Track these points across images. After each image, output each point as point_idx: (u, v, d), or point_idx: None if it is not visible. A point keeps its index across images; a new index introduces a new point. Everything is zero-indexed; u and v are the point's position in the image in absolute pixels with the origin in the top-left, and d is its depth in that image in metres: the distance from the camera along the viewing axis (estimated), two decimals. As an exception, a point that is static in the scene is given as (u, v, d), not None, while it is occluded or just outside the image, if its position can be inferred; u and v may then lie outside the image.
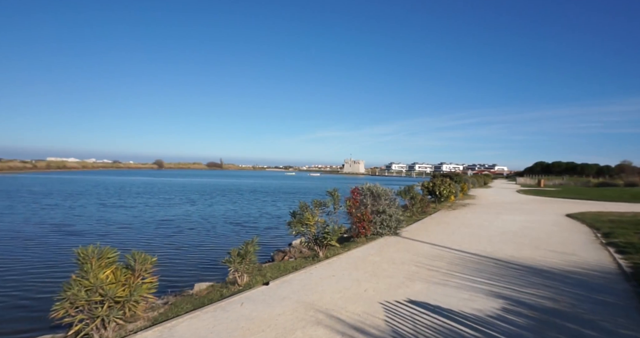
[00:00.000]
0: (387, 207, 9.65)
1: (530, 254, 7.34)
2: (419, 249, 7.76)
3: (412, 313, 4.07)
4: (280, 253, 9.56)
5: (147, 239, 12.63)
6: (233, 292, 5.01)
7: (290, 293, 4.84)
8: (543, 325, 3.79)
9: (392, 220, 9.33)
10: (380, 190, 9.80)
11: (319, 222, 7.62)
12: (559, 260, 6.80)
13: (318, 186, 51.32)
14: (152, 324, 3.82)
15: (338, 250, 7.68)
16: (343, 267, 6.31)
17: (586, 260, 6.88)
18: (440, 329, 3.65)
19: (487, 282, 5.36)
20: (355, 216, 9.16)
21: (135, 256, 3.83)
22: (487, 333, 3.57)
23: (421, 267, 6.26)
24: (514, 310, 4.23)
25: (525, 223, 11.96)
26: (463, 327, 3.71)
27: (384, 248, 7.82)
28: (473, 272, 5.93)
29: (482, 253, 7.42)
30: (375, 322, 3.85)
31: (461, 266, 6.34)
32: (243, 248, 5.46)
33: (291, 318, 3.96)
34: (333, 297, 4.67)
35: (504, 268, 6.24)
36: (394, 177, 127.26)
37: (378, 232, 9.23)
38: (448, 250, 7.74)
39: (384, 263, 6.52)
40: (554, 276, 5.73)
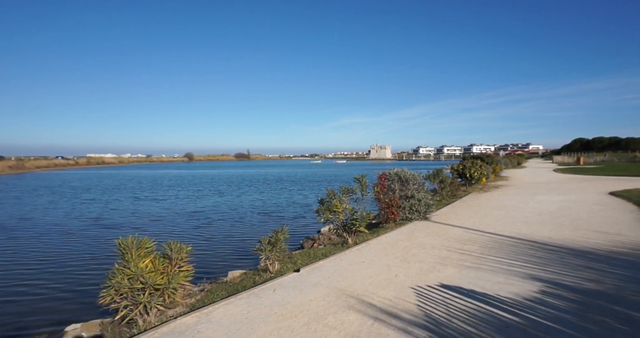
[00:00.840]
0: (415, 191, 9.49)
1: (570, 235, 7.01)
2: (449, 233, 7.60)
3: (444, 298, 4.01)
4: (310, 240, 9.67)
5: (180, 230, 13.18)
6: (265, 279, 5.14)
7: (321, 280, 4.90)
8: (586, 308, 3.63)
9: (421, 205, 9.18)
10: (408, 174, 9.63)
11: (347, 208, 7.61)
12: (602, 241, 6.45)
13: (345, 173, 51.26)
14: (190, 310, 4.00)
15: (367, 236, 7.66)
16: (372, 252, 6.29)
17: (632, 239, 6.48)
18: (475, 313, 3.58)
19: (523, 265, 5.19)
20: (384, 202, 9.08)
21: (172, 246, 3.99)
22: (526, 317, 3.47)
23: (452, 251, 6.14)
24: (554, 293, 4.07)
25: (564, 203, 11.41)
26: (499, 311, 3.62)
27: (414, 233, 7.73)
28: (508, 255, 5.75)
29: (517, 235, 7.16)
30: (407, 306, 3.83)
31: (495, 249, 6.16)
32: (273, 237, 5.56)
33: (323, 304, 4.01)
34: (364, 283, 4.68)
35: (542, 250, 6.00)
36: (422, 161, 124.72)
37: (407, 217, 9.12)
38: (480, 233, 7.53)
39: (413, 248, 6.45)
40: (597, 257, 5.45)
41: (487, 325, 3.31)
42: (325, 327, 3.46)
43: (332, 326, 3.47)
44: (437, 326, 3.33)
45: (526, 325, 3.29)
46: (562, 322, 3.33)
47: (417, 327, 3.34)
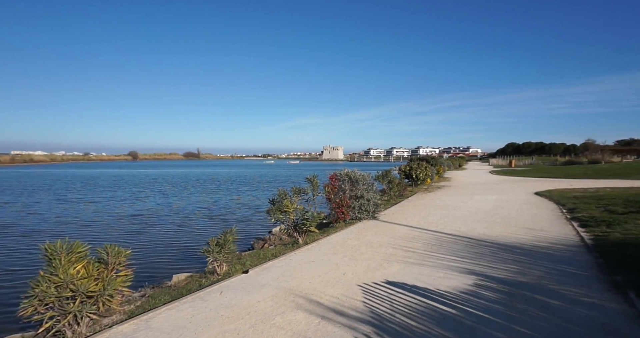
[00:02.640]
0: (365, 191, 9.76)
1: (502, 232, 7.64)
2: (396, 232, 7.93)
3: (389, 294, 4.17)
4: (260, 241, 9.55)
5: (118, 235, 12.18)
6: (212, 281, 4.98)
7: (270, 280, 4.86)
8: (512, 297, 3.98)
9: (370, 205, 9.46)
10: (358, 175, 9.88)
11: (298, 209, 7.63)
12: (528, 236, 7.11)
13: (297, 174, 51.25)
14: (128, 317, 3.75)
15: (317, 235, 7.74)
16: (322, 252, 6.37)
17: (552, 234, 7.23)
18: (417, 307, 3.77)
19: (461, 260, 5.56)
20: (334, 202, 9.23)
21: (108, 249, 3.71)
22: (461, 309, 3.72)
23: (398, 248, 6.40)
24: (486, 285, 4.41)
25: (497, 202, 12.41)
26: (438, 304, 3.85)
27: (362, 232, 7.95)
28: (448, 251, 6.12)
29: (457, 232, 7.66)
30: (353, 303, 3.93)
31: (437, 246, 6.53)
32: (222, 238, 5.41)
33: (271, 305, 3.98)
34: (312, 282, 4.72)
35: (477, 246, 6.47)
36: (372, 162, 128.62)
37: (357, 216, 9.35)
38: (424, 231, 7.94)
39: (362, 246, 6.63)
40: (524, 251, 6.00)
41: (427, 318, 3.50)
42: (272, 327, 3.44)
43: (280, 326, 3.45)
44: (381, 321, 3.46)
45: (461, 316, 3.53)
46: (492, 311, 3.62)
47: (362, 323, 3.44)
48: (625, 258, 5.18)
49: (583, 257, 5.60)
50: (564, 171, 28.86)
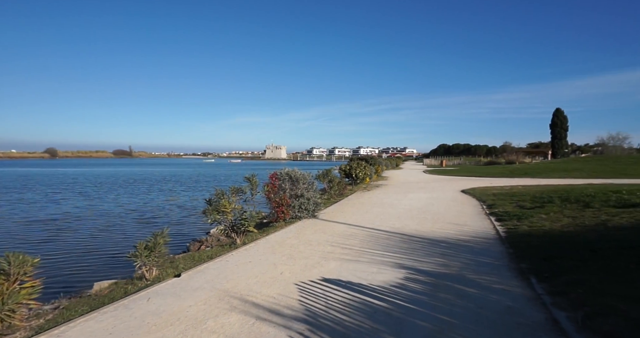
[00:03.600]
0: (305, 190, 9.84)
1: (431, 227, 8.20)
2: (335, 230, 8.11)
3: (325, 291, 4.26)
4: (197, 243, 9.15)
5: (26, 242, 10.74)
6: (140, 287, 4.65)
7: (204, 283, 4.68)
8: (436, 288, 4.29)
9: (310, 204, 9.56)
10: (299, 174, 9.93)
11: (236, 208, 7.45)
12: (454, 231, 7.73)
13: (238, 173, 49.98)
14: (35, 333, 3.35)
15: (256, 235, 7.63)
16: (260, 252, 6.30)
17: (473, 228, 7.95)
18: (351, 303, 3.89)
19: (394, 255, 5.85)
20: (274, 201, 9.17)
21: (10, 258, 3.28)
22: (391, 301, 3.92)
23: (336, 246, 6.56)
24: (414, 278, 4.70)
25: (429, 200, 13.31)
26: (371, 298, 4.01)
27: (302, 231, 8.01)
28: (382, 247, 6.41)
29: (391, 229, 8.05)
30: (289, 302, 3.94)
31: (372, 243, 6.81)
32: (151, 241, 5.08)
33: (203, 309, 3.84)
34: (249, 283, 4.64)
35: (409, 241, 6.87)
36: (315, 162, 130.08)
37: (297, 215, 9.39)
38: (362, 228, 8.23)
39: (301, 245, 6.68)
40: (449, 245, 6.50)
41: (359, 313, 3.63)
42: (203, 332, 3.31)
43: (212, 330, 3.34)
44: (316, 318, 3.51)
45: (391, 309, 3.72)
46: (418, 302, 3.87)
47: (297, 321, 3.46)
48: (530, 248, 5.87)
49: (497, 248, 6.23)
50: (485, 170, 31.86)
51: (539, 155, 56.09)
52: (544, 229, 7.21)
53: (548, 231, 7.04)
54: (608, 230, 6.38)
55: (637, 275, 4.08)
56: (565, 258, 5.07)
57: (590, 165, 28.15)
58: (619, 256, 4.84)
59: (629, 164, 27.82)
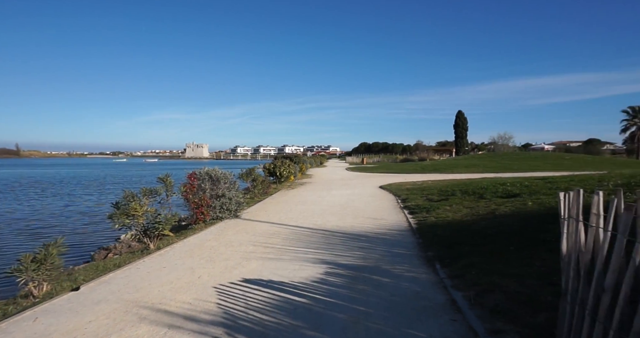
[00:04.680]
0: (227, 190, 9.51)
1: (352, 222, 8.56)
2: (257, 229, 8.00)
3: (245, 292, 4.17)
4: (103, 251, 8.24)
5: None
6: (25, 307, 4.02)
7: (108, 295, 4.23)
8: (354, 280, 4.50)
9: (232, 203, 9.28)
10: (220, 174, 9.56)
11: (149, 211, 6.90)
12: (372, 225, 8.18)
13: (154, 173, 46.14)
14: None
15: (172, 239, 7.15)
16: (177, 256, 5.92)
17: (389, 222, 8.52)
18: (271, 301, 3.87)
19: (315, 251, 5.98)
20: (193, 202, 8.70)
21: None
22: (311, 297, 4.00)
23: (258, 245, 6.47)
24: (334, 272, 4.86)
25: (350, 196, 13.90)
26: (291, 296, 4.04)
27: (223, 232, 7.73)
28: (304, 244, 6.51)
29: (314, 226, 8.22)
30: (207, 307, 3.78)
31: (295, 240, 6.87)
32: (42, 252, 4.43)
33: (106, 323, 3.46)
34: (162, 290, 4.33)
35: (331, 237, 7.08)
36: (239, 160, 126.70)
37: (218, 216, 9.04)
38: (285, 226, 8.25)
39: (221, 247, 6.45)
40: (367, 239, 6.86)
41: (279, 311, 3.63)
42: (106, 349, 3.00)
43: (117, 346, 3.04)
44: (235, 321, 3.42)
45: (311, 304, 3.80)
46: (338, 295, 4.02)
47: (214, 326, 3.33)
48: (436, 237, 6.51)
49: (409, 239, 6.77)
50: (401, 167, 34.41)
51: (445, 153, 62.39)
52: (447, 220, 8.04)
53: (451, 221, 7.87)
54: (496, 218, 7.39)
55: (515, 256, 4.79)
56: (463, 245, 5.73)
57: (484, 162, 32.25)
58: (503, 240, 5.62)
59: (513, 159, 32.56)
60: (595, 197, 2.17)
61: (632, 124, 44.64)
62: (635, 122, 44.36)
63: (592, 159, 32.23)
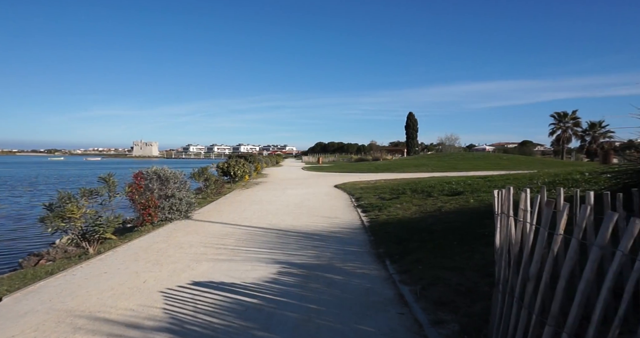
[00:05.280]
0: (177, 190, 9.13)
1: (306, 222, 8.60)
2: (209, 230, 7.76)
3: (194, 295, 4.03)
4: (34, 257, 7.53)
5: None
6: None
7: (37, 305, 3.86)
8: (307, 279, 4.52)
9: (182, 204, 8.91)
10: (169, 173, 9.15)
11: (89, 213, 6.41)
12: (326, 224, 8.27)
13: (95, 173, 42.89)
14: None
15: (115, 242, 6.70)
16: (119, 260, 5.56)
17: (343, 220, 8.68)
18: (222, 304, 3.78)
19: (269, 251, 5.93)
20: (139, 203, 8.24)
21: None
22: (263, 297, 3.96)
23: (210, 247, 6.28)
24: (287, 271, 4.85)
25: (305, 195, 13.95)
26: (243, 297, 3.97)
27: (172, 234, 7.41)
28: (258, 244, 6.43)
29: (268, 226, 8.14)
30: (152, 312, 3.59)
31: (248, 241, 6.75)
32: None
33: (33, 336, 3.17)
34: (101, 297, 4.04)
35: (285, 236, 7.06)
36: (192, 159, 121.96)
37: (167, 217, 8.63)
38: (238, 227, 8.08)
39: (170, 249, 6.17)
40: (321, 237, 6.93)
41: (229, 313, 3.55)
42: (35, 365, 2.74)
43: (47, 361, 2.79)
44: (182, 325, 3.30)
45: (262, 305, 3.76)
46: (289, 294, 4.02)
47: (159, 332, 3.18)
48: (386, 234, 6.74)
49: (361, 236, 6.95)
50: (356, 167, 35.18)
51: (397, 153, 64.83)
52: (398, 217, 8.36)
53: (401, 218, 8.19)
54: (442, 215, 7.82)
55: (458, 250, 5.11)
56: (411, 241, 5.99)
57: (433, 161, 33.95)
58: (447, 235, 5.97)
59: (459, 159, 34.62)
60: (523, 194, 2.38)
61: (558, 127, 49.39)
62: (561, 126, 49.13)
63: (525, 159, 35.20)
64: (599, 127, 46.07)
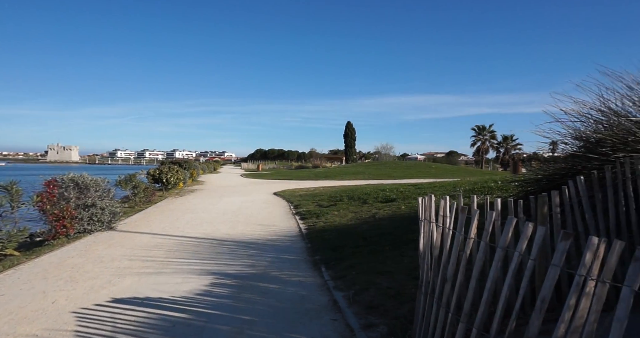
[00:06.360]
0: (98, 199, 8.32)
1: (243, 230, 8.38)
2: (136, 241, 7.19)
3: (114, 314, 3.68)
4: None
5: None
6: None
7: None
8: (241, 289, 4.40)
9: (104, 214, 8.14)
10: (89, 180, 8.32)
11: (-15, 226, 5.56)
12: (263, 232, 8.15)
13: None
14: None
15: (19, 259, 5.88)
16: (23, 279, 4.89)
17: (281, 228, 8.63)
18: (146, 321, 3.51)
19: (202, 262, 5.66)
20: (51, 214, 7.34)
21: None
22: (193, 311, 3.76)
23: (136, 260, 5.81)
24: (220, 282, 4.67)
25: (243, 203, 13.61)
26: (171, 312, 3.73)
27: (91, 247, 6.72)
28: (190, 255, 6.11)
29: (202, 235, 7.78)
30: (60, 336, 3.21)
31: (180, 251, 6.39)
32: None
33: None
34: (-2, 324, 3.51)
35: (219, 246, 6.80)
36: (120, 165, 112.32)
37: (86, 229, 7.81)
38: (169, 237, 7.61)
39: (87, 264, 5.58)
40: (258, 246, 6.81)
41: (155, 330, 3.31)
42: None
43: None
44: (98, 349, 2.99)
45: (192, 319, 3.57)
46: (221, 306, 3.87)
47: (70, 358, 2.85)
48: (323, 241, 6.85)
49: (299, 244, 6.96)
50: (296, 174, 35.31)
51: (337, 161, 66.44)
52: (335, 224, 8.54)
53: (338, 225, 8.39)
54: (376, 221, 8.18)
55: (390, 255, 5.37)
56: (347, 247, 6.16)
57: (370, 169, 35.41)
58: (380, 241, 6.25)
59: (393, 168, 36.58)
60: (442, 202, 2.59)
61: (478, 139, 54.88)
62: (480, 138, 54.66)
63: (451, 168, 38.39)
64: (511, 140, 52.07)
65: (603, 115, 3.99)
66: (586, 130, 4.14)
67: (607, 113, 3.94)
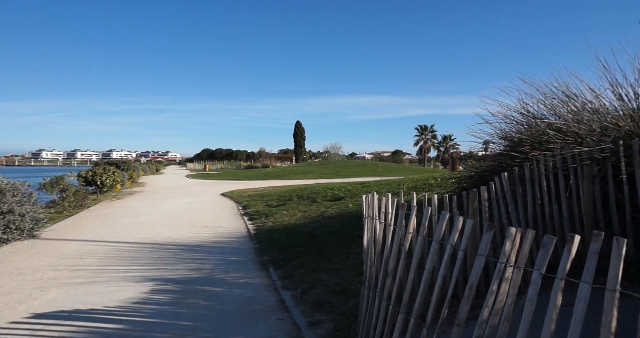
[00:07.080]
0: (17, 205, 7.43)
1: (187, 233, 8.01)
2: (64, 250, 6.55)
3: (33, 331, 3.32)
4: None
5: None
6: None
7: None
8: (184, 294, 4.20)
9: (24, 221, 7.30)
10: (4, 184, 7.41)
11: None
12: (209, 234, 7.86)
13: None
14: None
15: None
16: None
17: (228, 229, 8.38)
18: (72, 336, 3.21)
19: (141, 268, 5.33)
20: (-43, 221, 6.43)
21: None
22: (130, 321, 3.52)
23: (63, 270, 5.30)
24: (161, 289, 4.42)
25: (188, 205, 13.01)
26: (103, 324, 3.46)
27: (8, 258, 6.00)
28: (128, 262, 5.71)
29: (142, 240, 7.30)
30: (-32, 362, 2.82)
31: (116, 258, 5.94)
32: None
33: None
34: None
35: (161, 250, 6.44)
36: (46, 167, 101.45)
37: (1, 238, 6.94)
38: (104, 243, 7.04)
39: (3, 277, 4.97)
40: (203, 249, 6.55)
41: (84, 345, 3.04)
42: None
43: None
44: (14, 371, 2.67)
45: (128, 330, 3.33)
46: (162, 314, 3.66)
47: (-21, 385, 2.51)
48: (272, 241, 6.77)
49: (246, 245, 6.82)
50: (245, 174, 34.55)
51: (286, 160, 66.13)
52: (284, 224, 8.49)
53: (287, 225, 8.35)
54: (324, 219, 8.27)
55: (337, 252, 5.47)
56: (295, 246, 6.15)
57: (319, 168, 35.78)
58: (328, 239, 6.33)
59: (342, 167, 37.34)
60: (384, 199, 2.68)
61: (421, 138, 58.07)
62: (422, 138, 57.88)
63: (397, 167, 40.14)
64: (450, 140, 55.73)
65: (523, 117, 4.42)
66: (510, 131, 4.57)
67: (527, 115, 4.38)
